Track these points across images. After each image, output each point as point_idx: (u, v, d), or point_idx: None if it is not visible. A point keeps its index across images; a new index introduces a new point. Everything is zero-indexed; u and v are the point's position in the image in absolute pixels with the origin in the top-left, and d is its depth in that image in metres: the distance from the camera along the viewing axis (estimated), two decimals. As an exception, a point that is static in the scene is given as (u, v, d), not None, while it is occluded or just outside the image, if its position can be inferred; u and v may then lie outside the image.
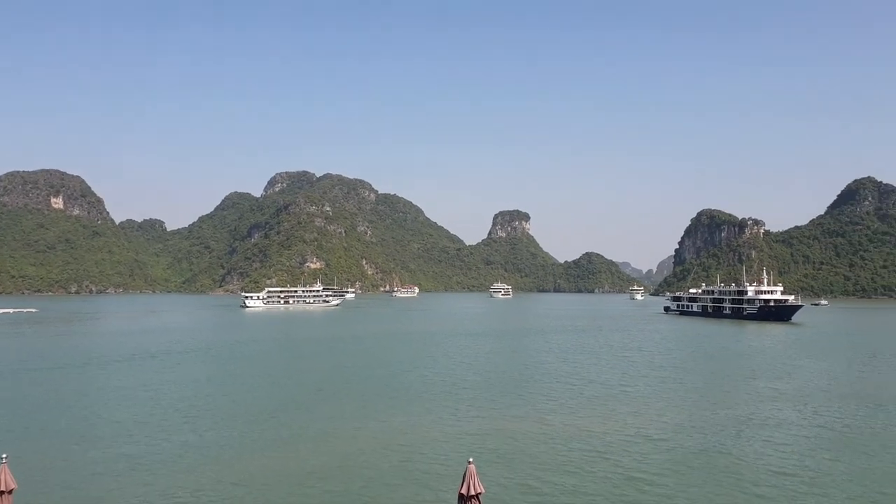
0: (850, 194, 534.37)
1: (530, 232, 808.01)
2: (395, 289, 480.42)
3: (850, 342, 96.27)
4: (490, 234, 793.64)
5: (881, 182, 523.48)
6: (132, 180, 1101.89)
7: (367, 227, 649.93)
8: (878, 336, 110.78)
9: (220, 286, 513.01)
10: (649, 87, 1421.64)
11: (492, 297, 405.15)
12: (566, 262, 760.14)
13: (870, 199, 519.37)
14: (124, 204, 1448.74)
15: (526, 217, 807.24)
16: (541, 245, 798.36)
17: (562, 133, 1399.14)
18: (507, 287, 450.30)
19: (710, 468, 29.04)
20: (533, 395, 46.93)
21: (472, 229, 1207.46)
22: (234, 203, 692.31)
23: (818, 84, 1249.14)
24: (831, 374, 60.63)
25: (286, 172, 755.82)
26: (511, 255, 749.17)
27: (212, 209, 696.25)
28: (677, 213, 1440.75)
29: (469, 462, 13.16)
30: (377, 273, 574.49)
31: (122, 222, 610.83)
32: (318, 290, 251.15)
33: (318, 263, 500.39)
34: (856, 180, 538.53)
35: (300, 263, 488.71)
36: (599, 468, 28.84)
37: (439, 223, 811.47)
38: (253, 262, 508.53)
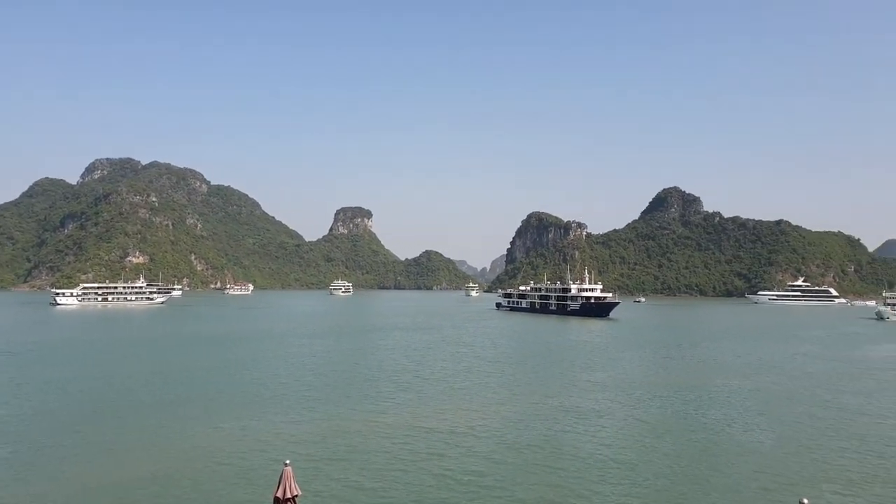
0: (660, 202, 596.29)
1: (372, 229, 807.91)
2: (228, 286, 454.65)
3: (658, 335, 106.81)
4: (331, 230, 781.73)
5: (685, 192, 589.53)
6: None
7: (198, 220, 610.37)
8: (680, 329, 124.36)
9: (25, 281, 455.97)
10: (491, 95, 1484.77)
11: (332, 294, 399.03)
12: (407, 259, 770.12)
13: (675, 206, 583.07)
14: None
15: (368, 214, 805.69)
16: (383, 242, 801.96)
17: (406, 132, 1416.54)
18: (347, 284, 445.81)
19: (534, 460, 29.55)
20: (363, 394, 45.69)
21: (312, 225, 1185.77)
22: (45, 190, 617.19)
23: (630, 97, 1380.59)
24: (643, 364, 66.23)
25: (107, 159, 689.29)
26: (352, 252, 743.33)
27: (17, 196, 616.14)
28: (510, 214, 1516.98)
29: (286, 464, 12.29)
30: (208, 269, 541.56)
31: None
32: (140, 287, 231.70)
33: (141, 258, 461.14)
34: (664, 189, 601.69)
35: (121, 258, 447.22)
36: (424, 465, 28.31)
37: (277, 217, 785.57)
38: (66, 255, 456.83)
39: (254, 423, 36.22)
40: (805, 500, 10.94)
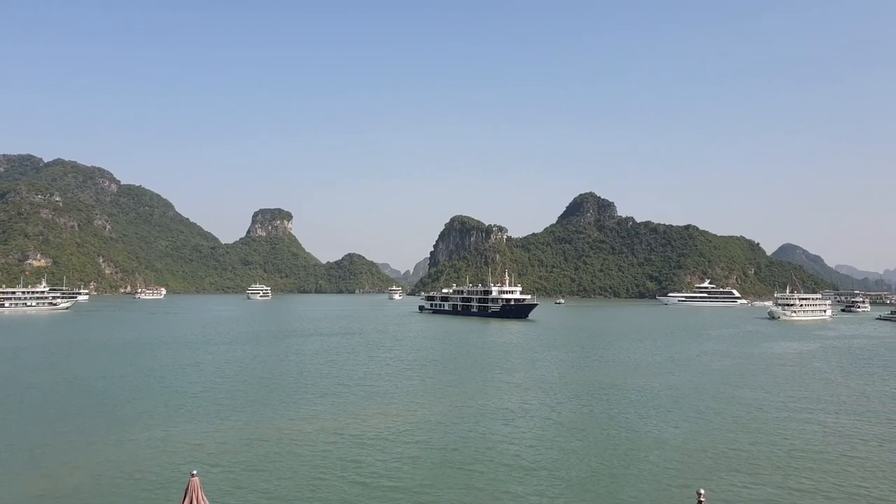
0: (576, 206, 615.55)
1: (292, 231, 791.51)
2: (139, 290, 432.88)
3: (574, 336, 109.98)
4: (249, 232, 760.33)
5: (600, 197, 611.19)
6: None
7: (107, 222, 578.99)
8: (596, 330, 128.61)
9: None
10: (412, 96, 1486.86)
11: (249, 299, 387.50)
12: (328, 262, 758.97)
13: (591, 211, 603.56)
14: None
15: (288, 216, 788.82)
16: (303, 245, 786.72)
17: (328, 133, 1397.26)
18: (266, 288, 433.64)
19: (454, 463, 29.59)
20: (281, 401, 44.43)
21: (229, 227, 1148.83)
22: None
23: (551, 100, 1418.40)
24: (561, 364, 67.87)
25: (4, 156, 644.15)
26: (271, 255, 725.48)
27: None
28: (434, 218, 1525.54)
29: (192, 475, 11.73)
30: (117, 273, 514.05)
31: None
32: (42, 292, 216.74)
33: (43, 261, 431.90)
34: (581, 194, 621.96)
35: (20, 261, 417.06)
36: (342, 473, 27.75)
37: (192, 219, 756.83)
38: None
39: (163, 433, 34.49)
40: (702, 491, 11.44)
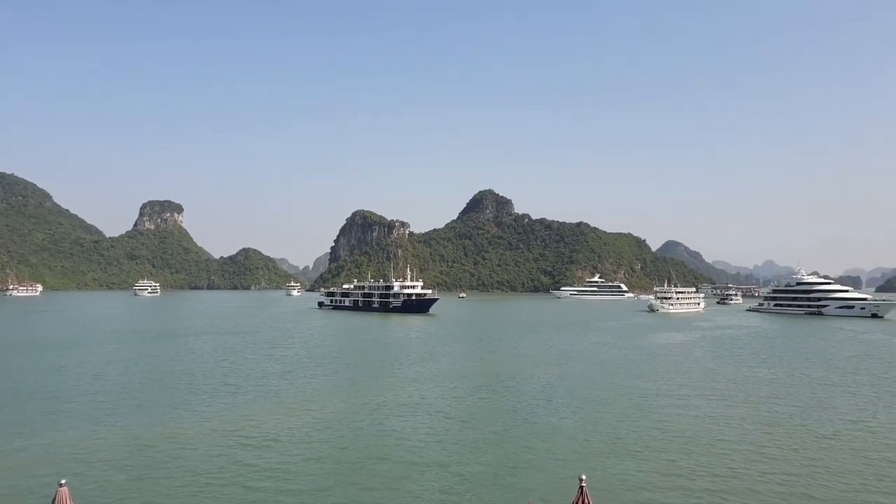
0: (476, 203, 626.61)
1: (183, 225, 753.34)
2: (11, 287, 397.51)
3: (474, 329, 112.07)
4: (136, 225, 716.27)
5: (499, 194, 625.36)
6: None
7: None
8: (494, 323, 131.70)
9: None
10: (309, 91, 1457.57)
11: (136, 295, 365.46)
12: (222, 257, 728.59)
13: (490, 208, 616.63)
14: None
15: (179, 209, 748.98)
16: (195, 239, 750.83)
17: (225, 124, 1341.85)
18: (154, 285, 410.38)
19: (351, 462, 29.37)
20: (167, 404, 42.22)
21: (114, 219, 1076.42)
22: None
23: (453, 95, 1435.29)
24: (461, 357, 68.87)
25: None
26: (160, 249, 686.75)
27: None
28: (334, 212, 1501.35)
29: (60, 484, 10.98)
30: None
31: None
32: None
33: None
34: (480, 191, 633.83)
35: None
36: (231, 477, 26.71)
37: (72, 210, 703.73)
38: None
39: (31, 441, 31.80)
40: (583, 476, 12.04)
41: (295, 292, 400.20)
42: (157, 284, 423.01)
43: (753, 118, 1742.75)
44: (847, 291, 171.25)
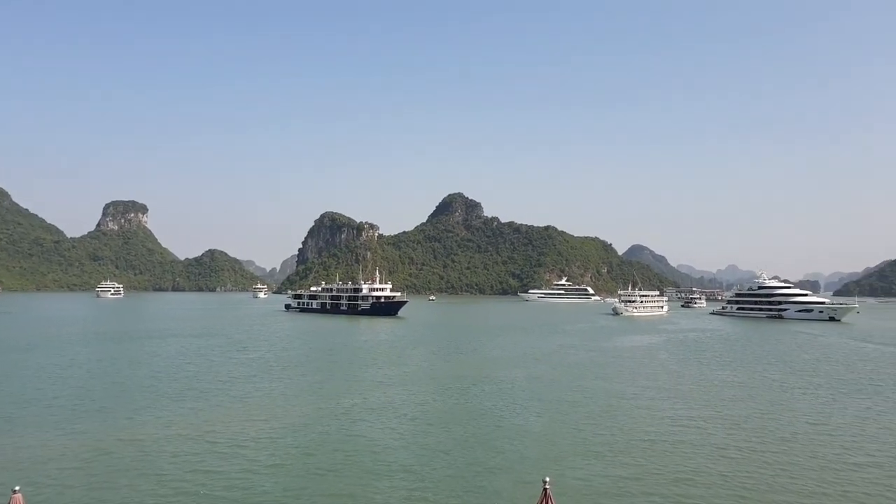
0: (446, 206, 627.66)
1: (148, 225, 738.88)
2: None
3: (443, 332, 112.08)
4: (99, 225, 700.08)
5: (468, 197, 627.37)
6: None
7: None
8: (463, 326, 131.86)
9: None
10: (278, 88, 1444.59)
11: (99, 297, 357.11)
12: (187, 259, 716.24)
13: (460, 211, 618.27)
14: None
15: (143, 209, 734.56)
16: (160, 240, 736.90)
17: (191, 122, 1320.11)
18: (117, 286, 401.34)
19: (318, 467, 29.09)
20: (131, 408, 41.17)
21: (76, 219, 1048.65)
22: None
23: (424, 100, 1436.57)
24: (430, 360, 68.93)
25: None
26: (124, 250, 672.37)
27: None
28: (302, 214, 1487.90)
29: (14, 491, 10.67)
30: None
31: None
32: None
33: None
34: (450, 194, 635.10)
35: None
36: (187, 484, 26.18)
37: (32, 210, 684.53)
38: None
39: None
40: (547, 479, 12.16)
41: (262, 294, 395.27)
42: (121, 286, 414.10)
43: (717, 122, 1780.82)
44: (806, 295, 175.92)
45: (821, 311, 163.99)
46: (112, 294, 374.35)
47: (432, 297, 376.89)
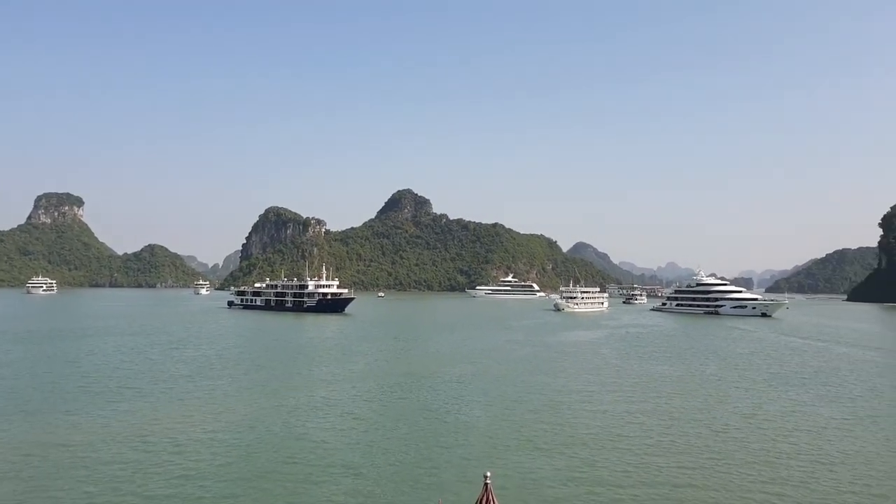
0: (395, 202, 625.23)
1: (83, 219, 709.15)
2: None
3: (390, 328, 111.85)
4: (30, 218, 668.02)
5: (417, 194, 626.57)
6: None
7: None
8: (411, 322, 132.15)
9: None
10: (224, 84, 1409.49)
11: (29, 293, 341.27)
12: (126, 254, 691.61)
13: (409, 207, 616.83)
14: None
15: (79, 202, 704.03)
16: (96, 235, 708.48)
17: (130, 115, 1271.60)
18: (50, 282, 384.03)
19: (261, 468, 28.78)
20: (61, 409, 39.66)
21: (4, 212, 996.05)
22: None
23: (375, 94, 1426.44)
24: (377, 356, 68.60)
25: None
26: (57, 244, 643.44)
27: None
28: (246, 208, 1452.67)
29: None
30: None
31: None
32: None
33: None
34: (399, 191, 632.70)
35: None
36: (120, 488, 25.51)
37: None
38: None
39: None
40: (487, 473, 12.39)
41: (203, 291, 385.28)
42: (54, 282, 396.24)
43: (661, 120, 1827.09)
44: (741, 292, 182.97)
45: (754, 308, 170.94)
46: (44, 290, 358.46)
47: (381, 293, 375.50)
